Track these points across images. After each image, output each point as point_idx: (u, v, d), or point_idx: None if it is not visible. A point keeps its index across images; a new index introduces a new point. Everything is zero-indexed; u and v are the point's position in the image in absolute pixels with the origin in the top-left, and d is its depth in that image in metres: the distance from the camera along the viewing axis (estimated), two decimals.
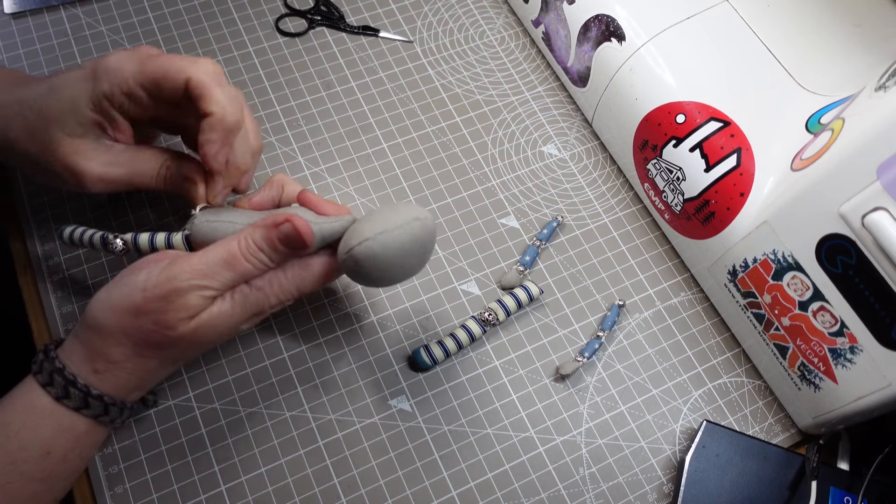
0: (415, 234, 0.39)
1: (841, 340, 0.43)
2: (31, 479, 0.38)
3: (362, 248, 0.38)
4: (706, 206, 0.49)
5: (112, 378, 0.39)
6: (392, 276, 0.41)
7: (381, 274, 0.40)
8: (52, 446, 0.38)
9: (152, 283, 0.37)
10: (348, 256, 0.39)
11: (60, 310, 0.48)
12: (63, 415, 0.38)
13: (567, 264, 0.54)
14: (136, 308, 0.37)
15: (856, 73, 0.49)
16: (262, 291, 0.39)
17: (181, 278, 0.37)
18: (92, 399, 0.38)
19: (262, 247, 0.38)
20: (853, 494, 0.44)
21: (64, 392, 0.38)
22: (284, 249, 0.39)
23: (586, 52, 0.56)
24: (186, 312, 0.37)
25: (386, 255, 0.39)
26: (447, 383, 0.49)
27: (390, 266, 0.39)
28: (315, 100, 0.58)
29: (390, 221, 0.39)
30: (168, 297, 0.37)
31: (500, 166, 0.57)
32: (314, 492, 0.45)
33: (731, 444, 0.46)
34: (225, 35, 0.60)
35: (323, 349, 0.49)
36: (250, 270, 0.38)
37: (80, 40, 0.58)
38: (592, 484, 0.47)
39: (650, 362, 0.51)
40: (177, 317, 0.37)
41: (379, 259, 0.39)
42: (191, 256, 0.38)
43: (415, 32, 0.62)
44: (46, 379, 0.38)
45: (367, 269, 0.39)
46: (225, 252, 0.38)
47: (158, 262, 0.38)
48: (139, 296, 0.37)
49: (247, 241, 0.38)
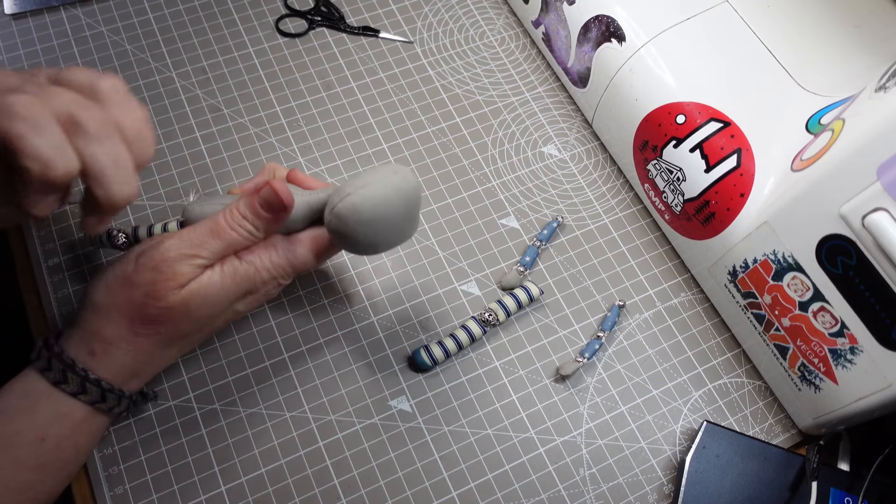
0: (395, 185, 0.39)
1: (841, 341, 0.43)
2: (24, 465, 0.38)
3: (344, 203, 0.39)
4: (706, 207, 0.49)
5: (109, 360, 0.39)
6: (379, 233, 0.41)
7: (367, 230, 0.40)
8: (48, 432, 0.38)
9: (143, 256, 0.38)
10: (332, 216, 0.39)
11: (60, 309, 0.48)
12: (60, 400, 0.38)
13: (567, 265, 0.54)
14: (127, 279, 0.38)
15: (856, 74, 0.49)
16: (252, 265, 0.40)
17: (171, 249, 0.38)
18: (90, 384, 0.38)
19: (246, 214, 0.39)
20: (853, 495, 0.44)
21: (62, 376, 0.38)
22: (267, 215, 0.39)
23: (586, 53, 0.56)
24: (176, 281, 0.38)
25: (369, 207, 0.39)
26: (447, 384, 0.49)
27: (375, 220, 0.39)
28: (315, 100, 0.58)
29: (370, 178, 0.39)
30: (158, 267, 0.37)
31: (501, 167, 0.57)
32: (314, 492, 0.45)
33: (731, 444, 0.46)
34: (225, 35, 0.60)
35: (323, 349, 0.49)
36: (236, 239, 0.39)
37: (81, 41, 0.58)
38: (593, 484, 0.47)
39: (650, 363, 0.51)
40: (167, 286, 0.37)
41: (362, 212, 0.39)
42: (181, 231, 0.39)
43: (415, 33, 0.62)
44: (44, 364, 0.38)
45: (353, 226, 0.39)
46: (211, 222, 0.39)
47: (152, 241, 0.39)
48: (130, 267, 0.38)
49: (231, 210, 0.39)
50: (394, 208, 0.40)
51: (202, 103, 0.57)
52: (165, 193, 0.53)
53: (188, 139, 0.55)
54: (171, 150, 0.54)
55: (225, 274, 0.39)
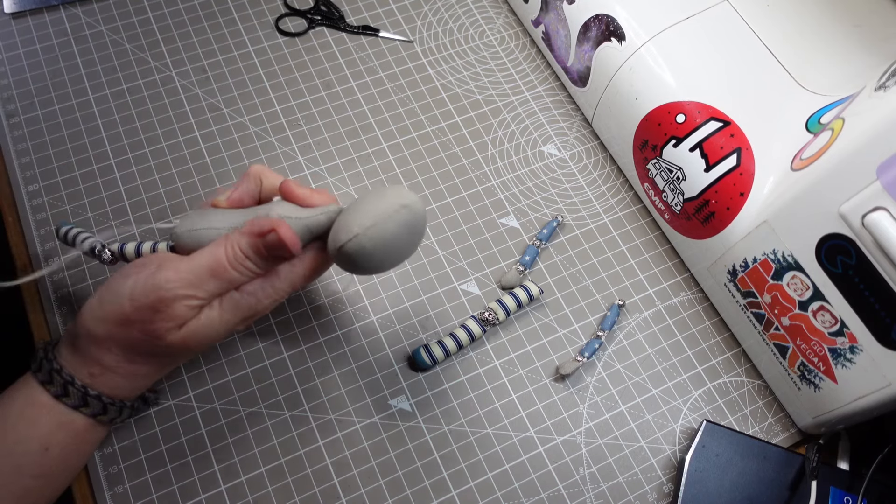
0: (404, 221, 0.38)
1: (841, 340, 0.43)
2: (26, 474, 0.38)
3: (352, 244, 0.37)
4: (706, 206, 0.49)
5: (108, 381, 0.39)
6: (385, 265, 0.40)
7: (373, 265, 0.39)
8: (51, 442, 0.38)
9: (139, 291, 0.36)
10: (339, 253, 0.38)
11: (60, 310, 0.48)
12: (62, 412, 0.38)
13: (567, 264, 0.54)
14: (125, 317, 0.36)
15: (856, 73, 0.49)
16: (253, 296, 0.39)
17: (167, 287, 0.36)
18: (90, 398, 0.38)
19: (249, 254, 0.37)
20: (853, 494, 0.44)
21: (63, 390, 0.38)
22: (271, 257, 0.38)
23: (586, 52, 0.56)
24: (174, 322, 0.37)
25: (377, 247, 0.38)
26: (447, 383, 0.49)
27: (382, 257, 0.39)
28: (315, 100, 0.58)
29: (378, 211, 0.37)
30: (154, 307, 0.36)
31: (500, 166, 0.57)
32: (314, 491, 0.45)
33: (731, 443, 0.46)
34: (225, 35, 0.60)
35: (323, 349, 0.49)
36: (237, 278, 0.38)
37: (80, 40, 0.58)
38: (592, 484, 0.47)
39: (650, 362, 0.51)
40: (164, 326, 0.36)
41: (370, 253, 0.38)
42: (177, 262, 0.37)
43: (415, 32, 0.62)
44: (45, 377, 0.38)
45: (360, 264, 0.39)
46: (211, 260, 0.37)
47: (145, 267, 0.37)
48: (127, 305, 0.36)
49: (233, 249, 0.37)
50: (402, 242, 0.39)
51: (202, 103, 0.57)
52: (165, 193, 0.53)
53: (188, 139, 0.55)
54: (170, 149, 0.54)
55: (225, 310, 0.38)
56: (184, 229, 0.40)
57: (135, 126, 0.55)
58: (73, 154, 0.54)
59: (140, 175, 0.53)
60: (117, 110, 0.56)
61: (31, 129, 0.54)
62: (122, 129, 0.55)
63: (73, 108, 0.55)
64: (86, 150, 0.54)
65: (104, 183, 0.53)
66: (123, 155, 0.54)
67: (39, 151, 0.53)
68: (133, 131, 0.55)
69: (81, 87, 0.56)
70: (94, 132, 0.55)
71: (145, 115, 0.56)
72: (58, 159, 0.53)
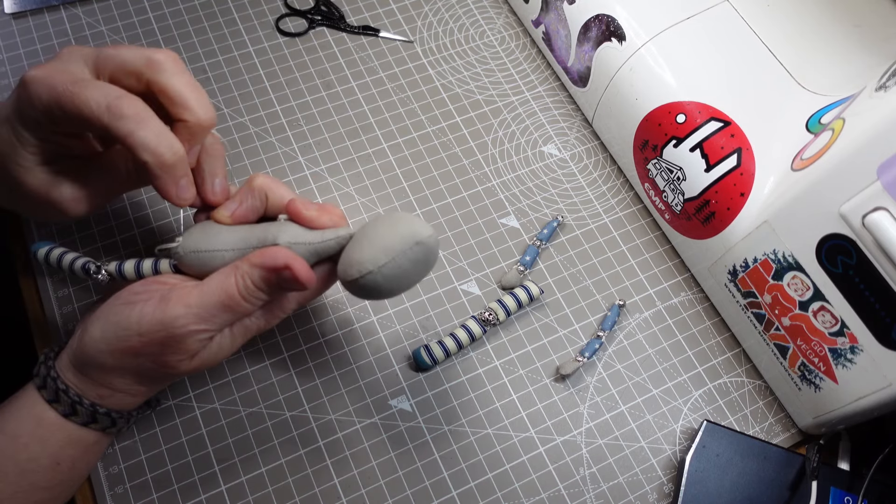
0: (418, 259, 0.37)
1: (841, 340, 0.43)
2: (39, 487, 0.38)
3: (366, 280, 0.37)
4: (706, 206, 0.49)
5: (118, 401, 0.39)
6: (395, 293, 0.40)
7: (384, 296, 0.39)
8: (62, 457, 0.38)
9: (146, 325, 0.35)
10: (350, 285, 0.38)
11: (61, 310, 0.48)
12: (72, 429, 0.39)
13: (567, 264, 0.54)
14: (134, 351, 0.36)
15: (856, 73, 0.49)
16: (262, 319, 0.39)
17: (178, 324, 0.35)
18: (100, 416, 0.39)
19: (261, 286, 0.37)
20: (853, 494, 0.44)
21: (71, 409, 0.38)
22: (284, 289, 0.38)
23: (586, 52, 0.56)
24: (186, 354, 0.37)
25: (390, 283, 0.37)
26: (447, 383, 0.49)
27: (393, 289, 0.38)
28: (315, 100, 0.58)
29: (392, 248, 0.37)
30: (166, 343, 0.36)
31: (501, 166, 0.57)
32: (314, 492, 0.45)
33: (731, 444, 0.46)
34: (225, 35, 0.60)
35: (323, 349, 0.49)
36: (250, 310, 0.37)
37: (81, 40, 0.58)
38: (593, 484, 0.47)
39: (650, 362, 0.51)
40: (177, 358, 0.36)
41: (382, 287, 0.38)
42: (185, 293, 0.36)
43: (415, 32, 0.62)
44: (52, 396, 0.38)
45: (371, 297, 0.39)
46: (223, 294, 0.36)
47: (148, 294, 0.37)
48: (135, 340, 0.36)
49: (245, 281, 0.36)
50: (415, 276, 0.39)
51: None
52: None
53: None
54: None
55: (235, 335, 0.38)
56: (188, 250, 0.39)
57: None
58: None
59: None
60: None
61: None
62: None
63: None
64: None
65: None
66: None
67: None
68: None
69: None
70: None
71: None
72: None
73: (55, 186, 0.38)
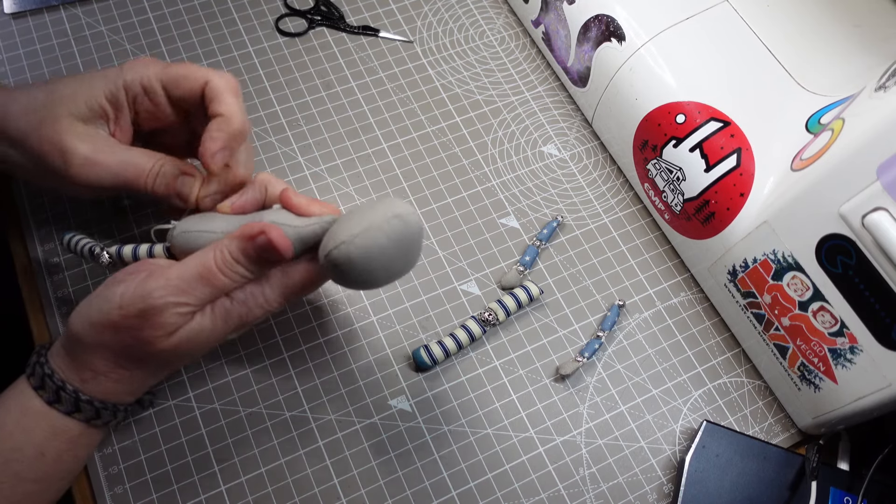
0: (394, 232, 0.37)
1: (841, 340, 0.43)
2: (24, 479, 0.38)
3: (338, 252, 0.36)
4: (706, 207, 0.49)
5: (99, 386, 0.39)
6: (376, 278, 0.39)
7: (363, 277, 0.38)
8: (46, 448, 0.38)
9: (127, 299, 0.36)
10: (325, 261, 0.37)
11: (60, 310, 0.48)
12: (56, 418, 0.38)
13: (567, 264, 0.54)
14: (114, 325, 0.36)
15: (856, 73, 0.49)
16: (244, 305, 0.38)
17: (156, 295, 0.36)
18: (82, 403, 0.38)
19: (239, 259, 0.37)
20: (853, 495, 0.44)
21: (55, 397, 0.38)
22: (261, 261, 0.37)
23: (586, 52, 0.56)
24: (164, 330, 0.36)
25: (364, 257, 0.37)
26: (447, 383, 0.49)
27: (370, 267, 0.37)
28: (315, 100, 0.58)
29: (367, 221, 0.36)
30: (143, 315, 0.36)
31: (500, 166, 0.57)
32: (314, 492, 0.45)
33: (731, 444, 0.46)
34: (225, 35, 0.60)
35: (323, 349, 0.49)
36: (228, 284, 0.37)
37: (80, 40, 0.58)
38: (592, 484, 0.47)
39: (650, 362, 0.51)
40: (154, 334, 0.36)
41: (356, 263, 0.37)
42: (167, 269, 0.37)
43: (415, 32, 0.62)
44: (38, 383, 0.38)
45: (347, 274, 0.37)
46: (200, 266, 0.36)
47: (136, 274, 0.37)
48: (115, 313, 0.36)
49: (222, 253, 0.37)
50: (392, 254, 0.37)
51: None
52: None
53: None
54: None
55: (216, 317, 0.38)
56: (182, 229, 0.40)
57: None
58: None
59: None
60: None
61: None
62: None
63: None
64: None
65: None
66: None
67: None
68: None
69: None
70: None
71: None
72: None
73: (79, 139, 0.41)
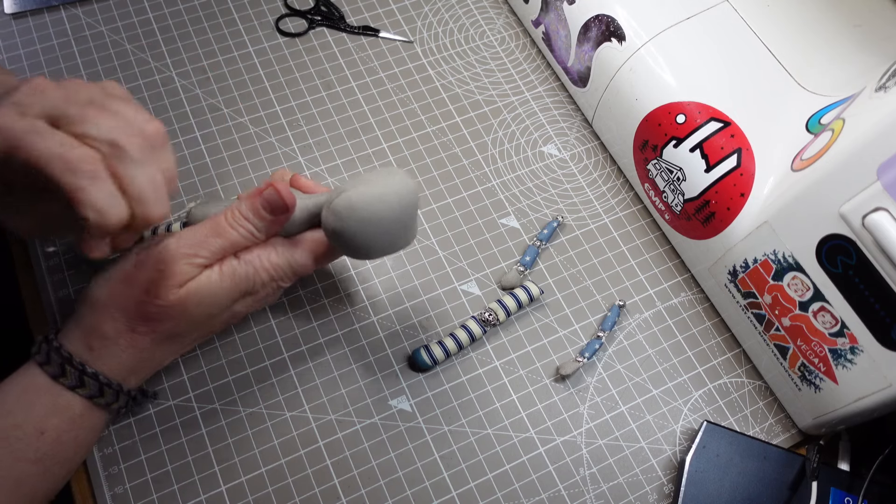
0: (393, 185, 0.40)
1: (841, 341, 0.43)
2: (23, 458, 0.38)
3: (341, 199, 0.39)
4: (706, 207, 0.49)
5: (107, 355, 0.39)
6: (376, 233, 0.40)
7: (363, 227, 0.40)
8: (46, 426, 0.38)
9: (143, 253, 0.39)
10: (329, 212, 0.40)
11: (60, 309, 0.48)
12: (59, 393, 0.38)
13: (567, 264, 0.54)
14: (127, 276, 0.38)
15: (856, 74, 0.49)
16: (251, 265, 0.40)
17: (170, 248, 0.38)
18: (87, 377, 0.38)
19: (247, 215, 0.39)
20: (853, 495, 0.44)
21: (60, 370, 0.38)
22: (269, 216, 0.40)
23: (586, 53, 0.56)
24: (175, 280, 0.38)
25: (364, 204, 0.39)
26: (447, 383, 0.49)
27: (371, 218, 0.40)
28: (315, 100, 0.58)
29: (367, 177, 0.40)
30: (157, 266, 0.38)
31: (501, 166, 0.57)
32: (314, 492, 0.45)
33: (731, 444, 0.46)
34: (225, 35, 0.60)
35: (323, 349, 0.49)
36: (237, 238, 0.39)
37: (80, 40, 0.58)
38: (593, 484, 0.47)
39: (650, 363, 0.51)
40: (166, 284, 0.38)
41: (358, 208, 0.39)
42: (181, 231, 0.40)
43: (415, 32, 0.62)
44: (44, 358, 0.38)
45: (348, 223, 0.40)
46: (212, 222, 0.40)
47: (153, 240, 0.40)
48: (130, 265, 0.39)
49: (232, 210, 0.40)
50: (390, 208, 0.40)
51: (202, 103, 0.57)
52: None
53: (188, 139, 0.55)
54: None
55: (224, 274, 0.39)
56: (199, 207, 0.43)
57: None
58: None
59: None
60: None
61: None
62: None
63: None
64: None
65: None
66: None
67: None
68: None
69: None
70: None
71: None
72: None
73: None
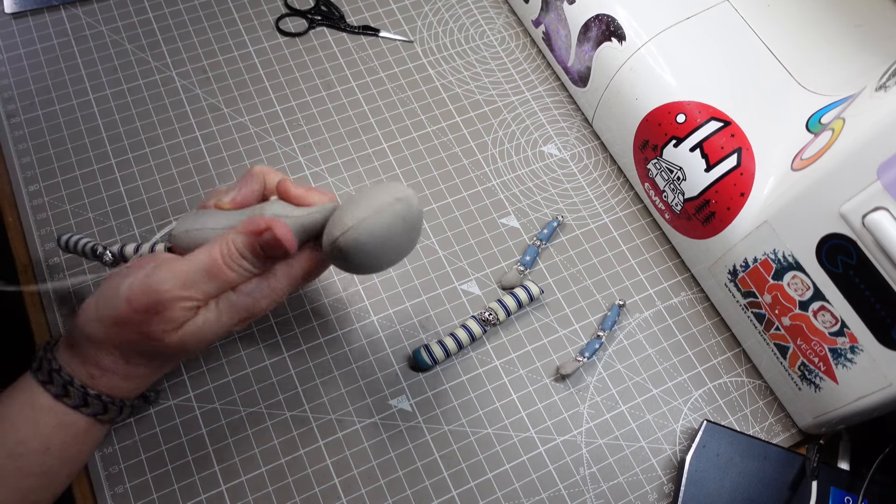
0: (399, 214, 0.37)
1: (841, 340, 0.43)
2: (28, 473, 0.38)
3: (346, 238, 0.36)
4: (706, 206, 0.49)
5: (107, 382, 0.39)
6: (381, 261, 0.39)
7: (369, 261, 0.38)
8: (52, 442, 0.38)
9: (135, 291, 0.36)
10: (333, 248, 0.37)
11: (60, 310, 0.48)
12: (63, 412, 0.38)
13: (567, 264, 0.54)
14: (121, 319, 0.36)
15: (856, 73, 0.49)
16: (250, 297, 0.38)
17: (162, 289, 0.35)
18: (91, 398, 0.38)
19: (245, 254, 0.37)
20: (853, 494, 0.44)
21: (63, 391, 0.38)
22: (267, 257, 0.37)
23: (586, 52, 0.56)
24: (171, 325, 0.36)
25: (371, 241, 0.37)
26: (447, 383, 0.49)
27: (377, 252, 0.38)
28: (315, 100, 0.58)
29: (371, 205, 0.37)
30: (151, 309, 0.36)
31: (501, 166, 0.57)
32: (314, 492, 0.45)
33: (731, 443, 0.46)
34: (225, 35, 0.60)
35: (323, 349, 0.49)
36: (234, 278, 0.37)
37: (81, 40, 0.58)
38: (593, 484, 0.47)
39: (650, 362, 0.51)
40: (161, 328, 0.36)
41: (364, 246, 0.37)
42: (174, 262, 0.37)
43: (415, 32, 0.62)
44: (46, 377, 0.38)
45: (354, 258, 0.38)
46: (207, 260, 0.37)
47: (142, 268, 0.37)
48: (123, 307, 0.36)
49: (228, 248, 0.37)
50: (397, 237, 0.38)
51: (202, 103, 0.57)
52: (165, 193, 0.53)
53: (188, 139, 0.55)
54: (170, 149, 0.55)
55: (221, 311, 0.38)
56: (181, 230, 0.40)
57: (135, 126, 0.55)
58: (74, 154, 0.54)
59: (140, 175, 0.53)
60: (118, 110, 0.56)
61: (32, 129, 0.54)
62: (123, 129, 0.55)
63: (73, 108, 0.55)
64: (86, 151, 0.54)
65: (105, 183, 0.53)
66: (124, 155, 0.54)
67: (40, 151, 0.53)
68: (133, 131, 0.55)
69: (82, 87, 0.56)
70: (95, 132, 0.55)
71: (146, 115, 0.56)
72: (58, 159, 0.53)
73: None
